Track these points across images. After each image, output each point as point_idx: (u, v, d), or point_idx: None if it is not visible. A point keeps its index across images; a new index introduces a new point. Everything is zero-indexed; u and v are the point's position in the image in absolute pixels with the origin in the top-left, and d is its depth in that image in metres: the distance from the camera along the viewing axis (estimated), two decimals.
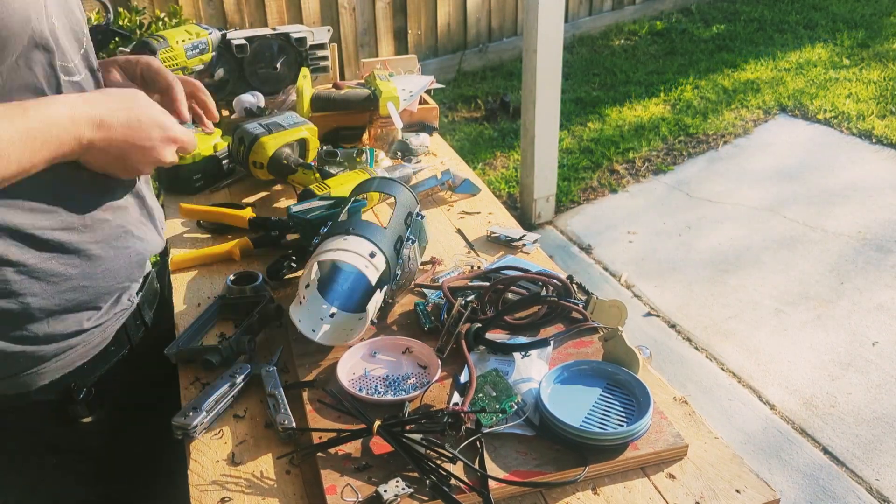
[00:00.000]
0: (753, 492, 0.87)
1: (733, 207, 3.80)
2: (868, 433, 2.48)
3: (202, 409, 0.97)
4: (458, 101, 4.97)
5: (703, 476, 0.89)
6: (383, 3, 4.81)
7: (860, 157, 4.13)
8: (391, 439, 0.91)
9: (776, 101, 4.78)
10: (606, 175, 4.14)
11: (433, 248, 1.38)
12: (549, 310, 1.14)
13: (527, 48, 3.48)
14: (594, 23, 6.07)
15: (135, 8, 3.09)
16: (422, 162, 1.69)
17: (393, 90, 1.63)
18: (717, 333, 2.97)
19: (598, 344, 1.09)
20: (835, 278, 3.21)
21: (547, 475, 0.88)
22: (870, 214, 3.63)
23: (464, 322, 1.11)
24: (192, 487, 0.90)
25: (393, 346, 1.10)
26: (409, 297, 1.22)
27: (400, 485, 0.87)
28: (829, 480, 2.32)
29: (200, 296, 1.27)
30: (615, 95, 5.02)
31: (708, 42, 5.81)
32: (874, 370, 2.73)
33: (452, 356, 1.07)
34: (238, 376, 1.03)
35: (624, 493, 0.88)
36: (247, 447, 0.96)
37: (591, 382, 1.00)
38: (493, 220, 1.48)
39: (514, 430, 0.94)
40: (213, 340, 1.14)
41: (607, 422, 0.93)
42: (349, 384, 1.03)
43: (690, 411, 0.99)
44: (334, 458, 0.91)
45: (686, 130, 4.52)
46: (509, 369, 1.04)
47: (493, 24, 5.47)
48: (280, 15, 4.41)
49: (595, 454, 0.90)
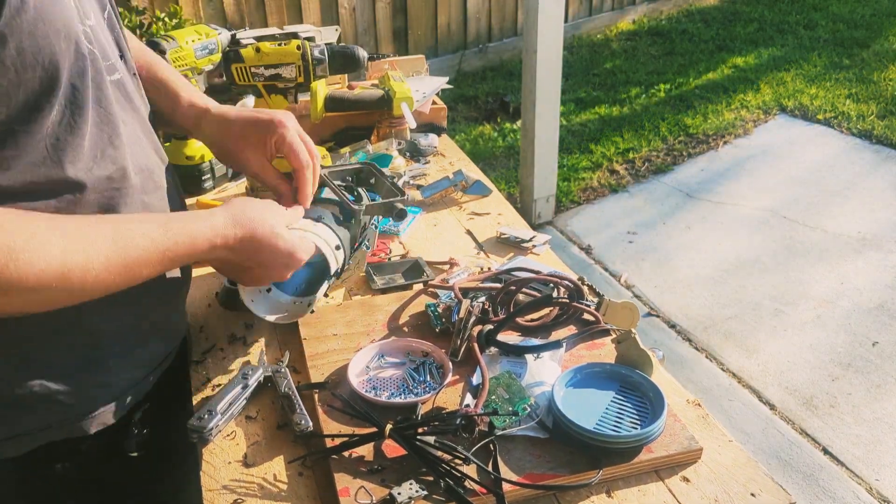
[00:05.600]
0: (768, 496, 0.87)
1: (733, 207, 3.80)
2: (868, 433, 2.48)
3: (216, 411, 0.96)
4: (458, 101, 4.97)
5: (717, 479, 0.89)
6: (383, 3, 4.81)
7: (860, 157, 4.15)
8: (404, 442, 0.91)
9: (776, 101, 4.79)
10: (606, 175, 4.15)
11: (444, 249, 1.38)
12: (561, 311, 1.14)
13: (527, 48, 3.48)
14: (594, 23, 6.08)
15: (135, 8, 3.08)
16: (430, 163, 1.69)
17: (407, 91, 1.63)
18: (717, 333, 2.98)
19: (611, 346, 1.09)
20: (835, 278, 3.22)
21: (561, 478, 0.88)
22: (870, 214, 3.65)
23: (475, 324, 1.11)
24: (205, 489, 0.90)
25: (404, 348, 1.10)
26: (421, 298, 1.23)
27: (414, 487, 0.87)
28: (829, 480, 2.33)
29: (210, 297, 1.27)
30: (615, 95, 5.02)
31: (708, 42, 5.82)
32: (874, 370, 2.74)
33: (464, 358, 1.07)
34: (250, 378, 1.03)
35: (638, 496, 0.88)
36: (259, 449, 0.96)
37: (605, 385, 1.00)
38: (502, 220, 1.49)
39: (527, 433, 0.94)
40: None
41: (621, 424, 0.93)
42: (360, 386, 1.03)
43: (704, 414, 0.99)
44: (347, 460, 0.91)
45: (686, 130, 4.52)
46: (522, 371, 1.04)
47: (493, 24, 5.47)
48: (280, 15, 4.40)
49: (609, 457, 0.90)
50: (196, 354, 1.14)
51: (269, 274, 0.99)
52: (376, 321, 1.17)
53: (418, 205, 1.54)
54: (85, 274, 0.75)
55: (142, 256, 0.80)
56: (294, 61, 1.45)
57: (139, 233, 0.81)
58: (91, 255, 0.76)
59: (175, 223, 0.85)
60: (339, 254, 1.10)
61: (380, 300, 1.23)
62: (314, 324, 1.16)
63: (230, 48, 1.50)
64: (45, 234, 0.73)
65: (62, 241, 0.74)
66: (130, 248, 0.79)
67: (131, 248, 0.79)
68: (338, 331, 1.15)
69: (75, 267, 0.74)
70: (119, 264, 0.78)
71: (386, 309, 1.20)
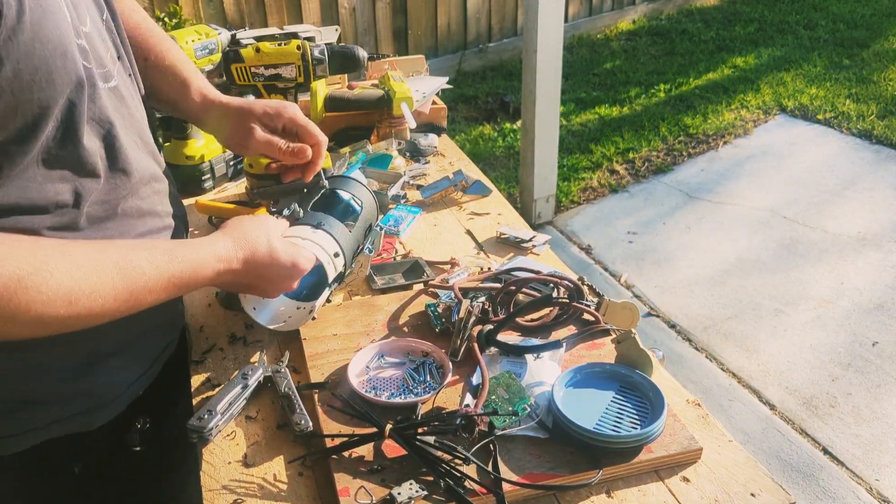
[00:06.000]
0: (768, 495, 0.87)
1: (733, 208, 3.80)
2: (868, 433, 2.48)
3: (216, 411, 0.96)
4: (458, 101, 4.97)
5: (717, 479, 0.89)
6: (383, 3, 4.81)
7: (860, 157, 4.15)
8: (403, 442, 0.91)
9: (776, 101, 4.79)
10: (606, 175, 4.15)
11: (444, 249, 1.38)
12: (561, 311, 1.14)
13: (527, 48, 3.48)
14: (594, 23, 6.08)
15: None
16: (430, 163, 1.69)
17: (407, 91, 1.64)
18: (717, 333, 2.98)
19: (611, 346, 1.09)
20: (835, 278, 3.22)
21: (561, 478, 0.88)
22: (870, 214, 3.65)
23: (475, 324, 1.11)
24: (205, 489, 0.90)
25: (404, 348, 1.10)
26: (421, 298, 1.23)
27: (414, 487, 0.87)
28: (829, 480, 2.33)
29: (210, 297, 1.27)
30: (615, 95, 5.02)
31: (708, 42, 5.82)
32: (874, 370, 2.74)
33: (464, 358, 1.07)
34: (250, 378, 1.03)
35: (638, 496, 0.88)
36: (259, 449, 0.96)
37: (605, 385, 1.00)
38: (502, 220, 1.49)
39: (527, 433, 0.94)
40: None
41: (621, 424, 0.93)
42: (360, 386, 1.03)
43: (704, 414, 0.99)
44: (347, 460, 0.91)
45: (686, 130, 4.53)
46: (522, 371, 1.04)
47: (493, 24, 5.47)
48: (280, 15, 4.41)
49: (609, 457, 0.90)
50: (196, 354, 1.14)
51: (275, 287, 1.01)
52: (376, 321, 1.17)
53: (418, 205, 1.54)
54: (92, 302, 0.76)
55: (147, 284, 0.81)
56: (294, 61, 1.45)
57: (146, 260, 0.82)
58: (98, 283, 0.76)
59: (180, 251, 0.86)
60: (339, 261, 1.11)
61: (380, 300, 1.23)
62: (314, 324, 1.16)
63: (230, 48, 1.50)
64: (53, 261, 0.73)
65: (70, 269, 0.74)
66: (137, 276, 0.80)
67: (137, 275, 0.80)
68: (338, 331, 1.15)
69: (82, 295, 0.75)
70: (125, 291, 0.79)
71: (386, 309, 1.20)
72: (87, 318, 0.77)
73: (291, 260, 0.99)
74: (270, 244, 0.96)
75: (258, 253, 0.95)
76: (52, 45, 0.75)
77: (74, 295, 0.74)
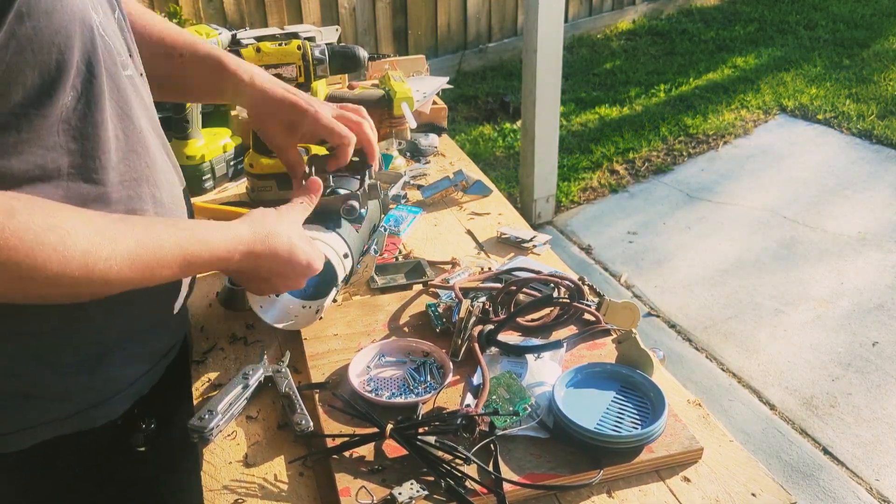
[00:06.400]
0: (769, 495, 0.87)
1: (733, 208, 3.80)
2: (868, 433, 2.49)
3: (217, 411, 0.96)
4: (459, 101, 4.97)
5: (718, 479, 0.89)
6: (383, 3, 4.81)
7: (860, 157, 4.15)
8: (404, 442, 0.91)
9: (776, 101, 4.79)
10: (606, 175, 4.15)
11: (445, 249, 1.38)
12: (561, 311, 1.14)
13: (527, 48, 3.48)
14: (594, 23, 6.08)
15: None
16: (431, 163, 1.69)
17: (407, 91, 1.64)
18: (717, 333, 2.98)
19: (612, 346, 1.09)
20: (835, 278, 3.22)
21: (561, 478, 0.88)
22: (870, 214, 3.65)
23: (476, 324, 1.11)
24: (206, 489, 0.90)
25: (405, 347, 1.10)
26: (422, 298, 1.23)
27: (414, 487, 0.87)
28: (829, 480, 2.33)
29: (210, 297, 1.27)
30: (615, 95, 5.02)
31: (708, 42, 5.82)
32: (874, 370, 2.74)
33: (465, 358, 1.07)
34: (251, 378, 1.03)
35: (639, 496, 0.88)
36: (260, 449, 0.96)
37: (605, 385, 1.00)
38: (503, 220, 1.49)
39: (527, 433, 0.94)
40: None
41: (622, 424, 0.93)
42: (361, 386, 1.03)
43: (705, 414, 0.99)
44: (348, 460, 0.91)
45: (686, 130, 4.53)
46: (522, 371, 1.04)
47: (493, 24, 5.47)
48: (280, 15, 4.41)
49: (610, 457, 0.90)
50: (197, 354, 1.14)
51: (285, 283, 1.01)
52: (377, 321, 1.17)
53: (419, 205, 1.54)
54: (108, 268, 0.75)
55: (165, 258, 0.81)
56: (294, 61, 1.45)
57: (165, 234, 0.82)
58: (116, 249, 0.76)
59: (200, 231, 0.87)
60: (348, 262, 1.12)
61: (380, 300, 1.23)
62: (314, 324, 1.16)
63: (230, 48, 1.50)
64: (72, 222, 0.73)
65: (89, 232, 0.74)
66: (155, 248, 0.80)
67: (156, 247, 0.80)
68: (338, 331, 1.15)
69: (99, 259, 0.74)
70: (142, 262, 0.79)
71: (386, 309, 1.20)
72: (101, 286, 0.76)
73: (307, 259, 0.99)
74: (291, 240, 0.97)
75: (278, 246, 0.95)
76: (71, 10, 0.76)
77: (91, 257, 0.73)
